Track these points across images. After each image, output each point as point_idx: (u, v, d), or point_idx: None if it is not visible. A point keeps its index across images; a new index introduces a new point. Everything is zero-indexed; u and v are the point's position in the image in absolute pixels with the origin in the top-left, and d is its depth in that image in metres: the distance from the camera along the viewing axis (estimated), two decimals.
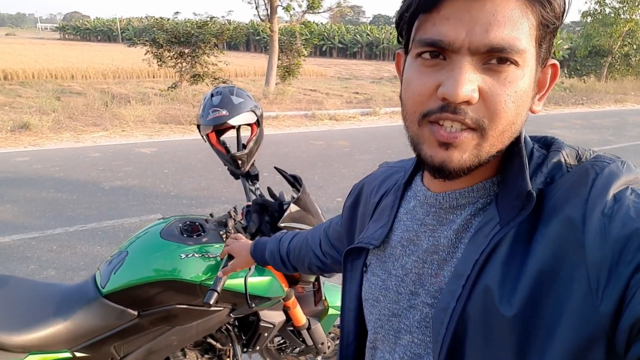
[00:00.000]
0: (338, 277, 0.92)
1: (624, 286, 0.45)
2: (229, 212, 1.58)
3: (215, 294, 1.30)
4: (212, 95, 1.63)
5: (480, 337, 0.54)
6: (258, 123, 1.71)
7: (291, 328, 1.83)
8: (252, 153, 1.72)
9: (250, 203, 1.67)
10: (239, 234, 1.43)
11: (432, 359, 0.59)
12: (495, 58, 0.51)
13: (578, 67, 17.23)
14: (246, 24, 26.53)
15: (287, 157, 6.46)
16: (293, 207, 1.59)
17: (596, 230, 0.48)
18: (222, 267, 1.32)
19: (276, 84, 12.69)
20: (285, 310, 1.75)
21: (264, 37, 12.46)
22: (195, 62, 11.39)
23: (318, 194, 4.83)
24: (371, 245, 0.71)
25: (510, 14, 0.50)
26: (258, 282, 1.56)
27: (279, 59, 12.73)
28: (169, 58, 11.35)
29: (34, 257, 3.34)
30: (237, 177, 1.77)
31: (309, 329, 1.83)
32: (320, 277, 1.79)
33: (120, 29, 47.45)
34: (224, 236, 1.53)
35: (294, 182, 1.73)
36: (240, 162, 1.69)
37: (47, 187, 4.80)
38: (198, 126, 1.67)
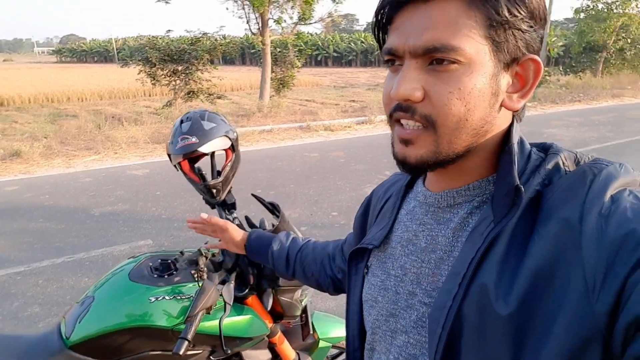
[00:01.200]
0: (330, 307, 0.83)
1: (620, 287, 0.46)
2: (199, 249, 1.48)
3: (186, 343, 1.20)
4: (181, 122, 1.53)
5: (476, 335, 0.54)
6: (233, 148, 1.60)
7: None
8: (228, 180, 1.61)
9: None
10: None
11: (427, 359, 0.60)
12: (434, 59, 0.54)
13: (573, 64, 17.22)
14: (241, 38, 26.59)
15: (282, 172, 6.36)
16: None
17: (593, 230, 0.48)
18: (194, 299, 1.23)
19: (271, 97, 12.64)
20: (272, 347, 1.64)
21: (258, 50, 12.40)
22: (189, 79, 11.35)
23: (313, 209, 4.73)
24: (371, 245, 0.73)
25: (447, 17, 0.53)
26: (236, 322, 1.46)
27: (272, 72, 12.70)
28: (163, 76, 11.32)
29: (18, 293, 3.23)
30: (212, 207, 1.66)
31: None
32: (308, 310, 1.69)
33: (117, 49, 47.78)
34: (195, 275, 1.43)
35: (273, 209, 1.62)
36: (215, 190, 1.58)
37: (36, 217, 4.70)
38: (169, 155, 1.57)
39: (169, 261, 1.46)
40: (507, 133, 0.61)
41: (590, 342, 0.47)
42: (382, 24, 0.61)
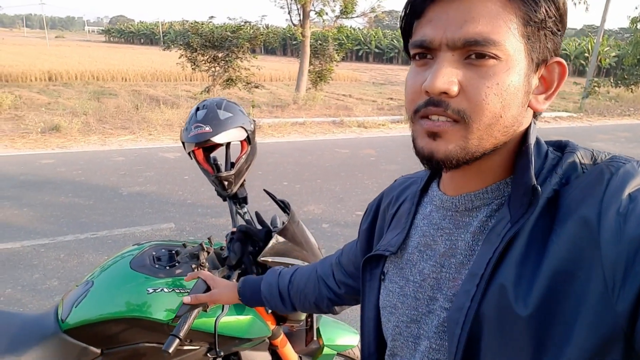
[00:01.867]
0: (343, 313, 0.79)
1: None
2: (201, 244, 1.42)
3: (177, 341, 1.14)
4: (197, 109, 1.48)
5: (496, 336, 0.54)
6: (249, 140, 1.53)
7: None
8: (241, 173, 1.55)
9: (235, 229, 1.50)
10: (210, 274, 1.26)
11: None
12: (474, 53, 0.53)
13: (625, 76, 16.34)
14: (283, 29, 26.64)
15: (310, 166, 6.31)
16: (277, 239, 1.41)
17: (611, 229, 0.48)
18: (190, 294, 1.16)
19: (307, 89, 12.59)
20: (274, 350, 1.58)
21: (299, 42, 12.37)
22: (229, 66, 11.42)
23: (337, 207, 4.66)
24: (388, 251, 0.72)
25: (486, 11, 0.53)
26: (236, 321, 1.40)
27: (311, 64, 12.64)
28: (203, 62, 11.44)
29: (40, 265, 3.30)
30: (224, 199, 1.61)
31: None
32: (314, 315, 1.62)
33: (162, 32, 48.79)
34: (197, 270, 1.38)
35: (284, 207, 1.55)
36: (226, 183, 1.52)
37: (66, 192, 4.82)
38: (183, 143, 1.52)
39: (173, 251, 1.42)
40: (525, 133, 0.60)
41: (612, 341, 0.47)
42: (411, 16, 0.59)
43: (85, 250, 3.56)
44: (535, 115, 0.61)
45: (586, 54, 28.54)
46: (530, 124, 0.60)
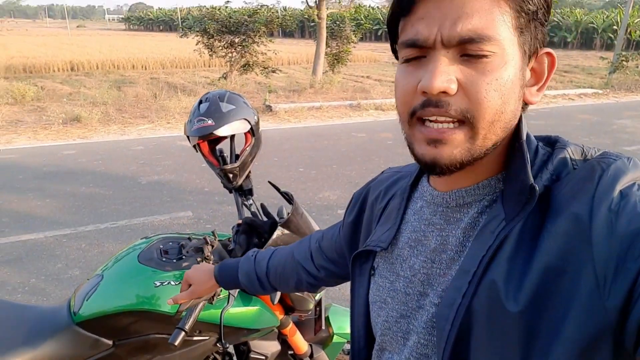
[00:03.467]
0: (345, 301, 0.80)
1: (631, 282, 0.45)
2: (204, 237, 1.44)
3: (182, 334, 1.17)
4: (200, 102, 1.48)
5: (485, 333, 0.54)
6: (253, 132, 1.53)
7: (292, 352, 1.68)
8: (246, 165, 1.55)
9: (240, 222, 1.51)
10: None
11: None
12: (470, 49, 0.52)
13: None
14: (301, 10, 26.38)
15: (326, 151, 6.29)
16: (280, 231, 1.42)
17: (603, 226, 0.48)
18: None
19: (325, 72, 12.47)
20: (284, 339, 1.61)
21: (316, 24, 12.22)
22: (245, 51, 11.38)
23: (351, 192, 4.60)
24: (379, 247, 0.71)
25: (479, 6, 0.51)
26: (244, 312, 1.42)
27: (328, 47, 12.49)
28: (220, 48, 11.42)
29: (62, 255, 3.41)
30: (230, 192, 1.62)
31: (311, 356, 1.68)
32: (323, 303, 1.63)
33: (181, 19, 48.92)
34: (202, 263, 1.40)
35: (288, 199, 1.55)
36: (231, 175, 1.53)
37: (87, 182, 4.93)
38: (188, 137, 1.53)
39: (180, 244, 1.44)
40: (517, 128, 0.59)
41: (601, 338, 0.47)
42: (398, 14, 0.57)
43: (106, 239, 3.66)
44: (524, 108, 0.60)
45: (615, 27, 27.44)
46: (521, 118, 0.59)
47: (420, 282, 0.65)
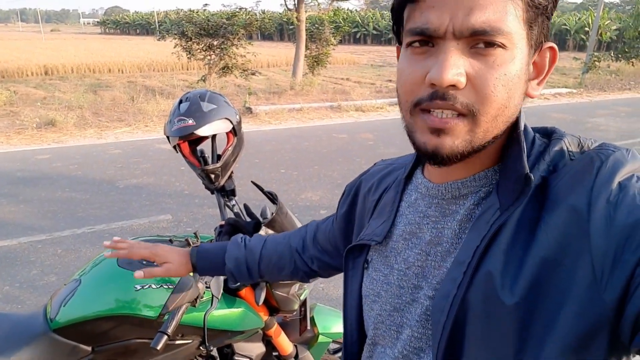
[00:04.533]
0: (333, 300, 0.78)
1: (629, 275, 0.45)
2: (186, 239, 1.41)
3: (165, 338, 1.15)
4: (180, 102, 1.45)
5: (481, 325, 0.53)
6: (235, 132, 1.50)
7: (276, 353, 1.66)
8: (228, 166, 1.53)
9: (223, 223, 1.48)
10: None
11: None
12: (481, 42, 0.51)
13: (626, 50, 16.10)
14: (280, 14, 26.36)
15: (307, 152, 6.28)
16: (265, 231, 1.41)
17: (601, 218, 0.48)
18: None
19: (304, 74, 12.47)
20: (268, 340, 1.59)
21: (295, 26, 12.23)
22: (224, 54, 11.30)
23: (335, 192, 4.63)
24: (373, 241, 0.70)
25: None
26: (227, 314, 1.40)
27: (307, 49, 12.50)
28: (198, 51, 11.32)
29: (37, 261, 3.31)
30: (212, 192, 1.59)
31: (296, 357, 1.66)
32: (307, 304, 1.61)
33: (158, 22, 48.41)
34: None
35: (272, 198, 1.53)
36: (213, 176, 1.50)
37: (63, 186, 4.81)
38: (168, 137, 1.50)
39: None
40: (515, 120, 0.59)
41: (598, 331, 0.47)
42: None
43: (83, 244, 3.56)
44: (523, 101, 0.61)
45: (586, 28, 28.18)
46: (520, 110, 0.59)
47: (414, 275, 0.64)
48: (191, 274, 1.28)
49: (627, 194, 0.49)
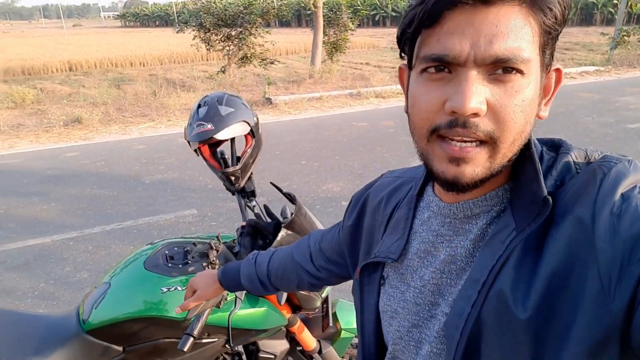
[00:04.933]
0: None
1: (635, 283, 0.46)
2: (209, 243, 1.45)
3: (191, 339, 1.19)
4: (198, 106, 1.48)
5: (495, 340, 0.54)
6: (253, 133, 1.53)
7: (300, 348, 1.70)
8: (247, 167, 1.56)
9: (244, 223, 1.52)
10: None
11: None
12: (500, 68, 0.51)
13: None
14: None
15: (328, 142, 6.27)
16: (284, 232, 1.43)
17: (606, 229, 0.49)
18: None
19: (323, 61, 12.38)
20: (292, 337, 1.62)
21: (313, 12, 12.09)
22: (242, 44, 11.29)
23: (356, 183, 4.63)
24: (389, 259, 0.71)
25: (513, 24, 0.50)
26: (251, 314, 1.43)
27: (325, 35, 12.38)
28: (217, 42, 11.34)
29: (70, 258, 3.43)
30: (232, 194, 1.63)
31: (320, 352, 1.69)
32: (330, 300, 1.64)
33: (176, 13, 48.59)
34: (208, 268, 1.41)
35: (290, 199, 1.55)
36: (233, 178, 1.54)
37: (91, 184, 4.94)
38: (188, 141, 1.53)
39: (185, 249, 1.45)
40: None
41: (609, 339, 0.48)
42: (421, 24, 0.53)
43: (112, 241, 3.68)
44: None
45: (615, 1, 27.05)
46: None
47: (430, 293, 0.65)
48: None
49: (630, 205, 0.49)
